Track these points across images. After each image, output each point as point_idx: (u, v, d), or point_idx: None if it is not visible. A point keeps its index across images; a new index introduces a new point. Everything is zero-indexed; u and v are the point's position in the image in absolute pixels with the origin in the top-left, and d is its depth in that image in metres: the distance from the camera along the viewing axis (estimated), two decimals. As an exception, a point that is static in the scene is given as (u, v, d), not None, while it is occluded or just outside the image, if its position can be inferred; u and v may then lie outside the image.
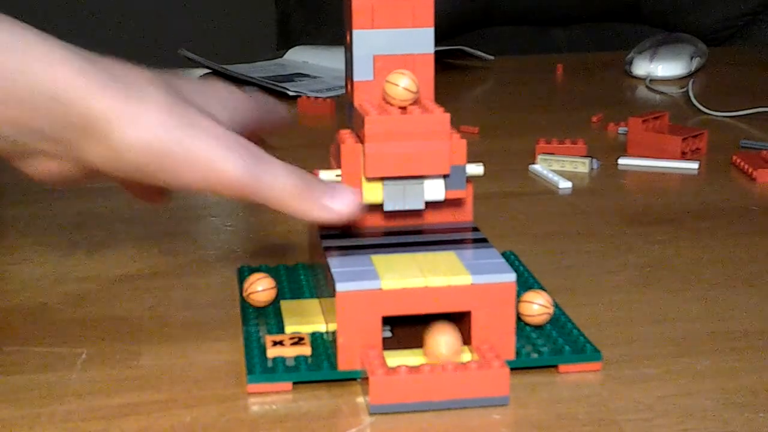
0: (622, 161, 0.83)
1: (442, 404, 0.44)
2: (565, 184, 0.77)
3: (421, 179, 0.49)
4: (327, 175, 0.50)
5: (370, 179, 0.49)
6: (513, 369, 0.45)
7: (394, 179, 0.49)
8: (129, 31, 2.84)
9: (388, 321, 0.47)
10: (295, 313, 0.51)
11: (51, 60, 0.43)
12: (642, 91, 1.16)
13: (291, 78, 1.19)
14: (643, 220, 0.70)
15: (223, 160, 0.44)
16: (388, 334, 0.48)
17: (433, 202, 0.50)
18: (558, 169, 0.81)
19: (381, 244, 0.49)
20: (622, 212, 0.72)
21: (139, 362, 0.49)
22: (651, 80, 1.18)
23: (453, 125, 0.49)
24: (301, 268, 0.57)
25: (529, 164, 0.82)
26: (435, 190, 0.49)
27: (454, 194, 0.50)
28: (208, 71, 1.25)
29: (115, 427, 0.43)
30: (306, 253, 0.60)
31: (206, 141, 0.44)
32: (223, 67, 1.21)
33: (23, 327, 0.53)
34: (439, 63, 1.22)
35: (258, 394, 0.45)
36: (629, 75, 1.22)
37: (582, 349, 0.48)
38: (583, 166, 0.81)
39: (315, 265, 0.53)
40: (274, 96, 1.12)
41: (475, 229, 0.52)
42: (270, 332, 0.50)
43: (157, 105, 0.44)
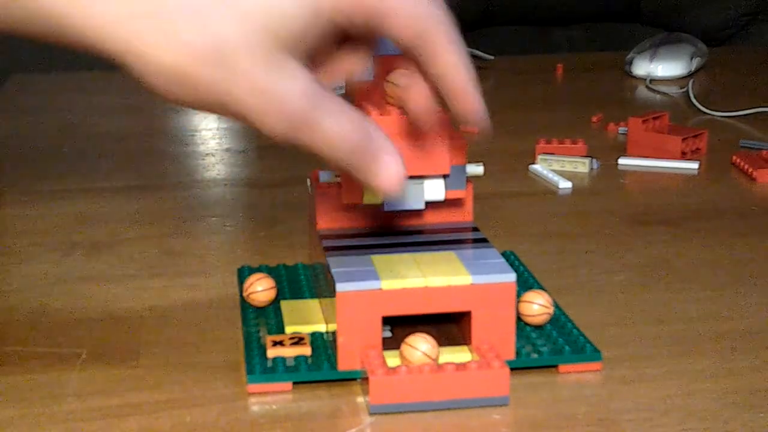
0: (622, 161, 0.83)
1: (442, 404, 0.44)
2: (565, 184, 0.77)
3: (421, 179, 0.49)
4: (327, 175, 0.50)
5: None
6: (513, 369, 0.45)
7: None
8: (129, 31, 2.84)
9: (388, 321, 0.47)
10: (295, 313, 0.51)
11: None
12: (642, 91, 1.16)
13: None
14: (643, 220, 0.70)
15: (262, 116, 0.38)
16: (388, 334, 0.48)
17: (433, 202, 0.50)
18: (558, 169, 0.81)
19: (381, 244, 0.49)
20: (622, 212, 0.72)
21: (139, 362, 0.49)
22: (651, 80, 1.18)
23: (453, 125, 0.49)
24: (301, 268, 0.57)
25: (529, 164, 0.82)
26: (435, 190, 0.49)
27: (454, 194, 0.50)
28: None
29: (115, 427, 0.43)
30: (306, 253, 0.60)
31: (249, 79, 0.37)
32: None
33: (23, 327, 0.53)
34: (439, 63, 1.22)
35: (258, 394, 0.45)
36: (629, 75, 1.22)
37: (582, 349, 0.48)
38: (583, 166, 0.81)
39: (315, 265, 0.53)
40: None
41: (475, 229, 0.52)
42: (270, 332, 0.50)
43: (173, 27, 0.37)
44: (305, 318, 0.51)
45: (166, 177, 0.81)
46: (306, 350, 0.47)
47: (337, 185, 0.51)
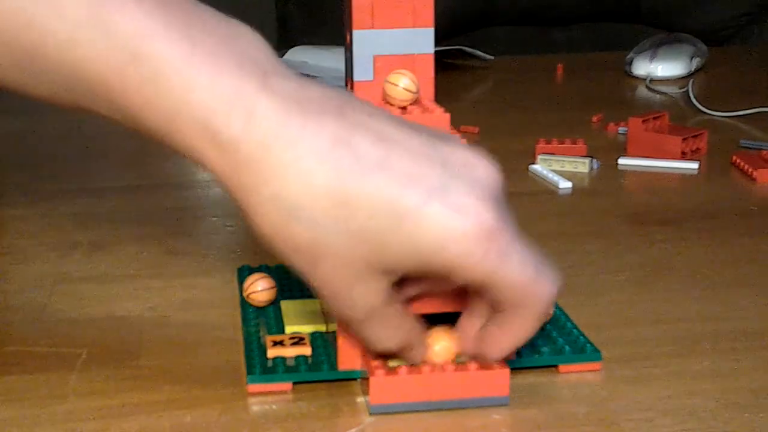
0: (622, 161, 0.83)
1: (442, 404, 0.44)
2: (565, 184, 0.77)
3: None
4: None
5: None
6: (513, 369, 0.45)
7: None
8: (129, 31, 2.83)
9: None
10: (296, 313, 0.51)
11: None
12: (642, 91, 1.16)
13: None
14: (643, 220, 0.70)
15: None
16: (388, 334, 0.48)
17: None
18: (558, 169, 0.81)
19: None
20: (622, 212, 0.71)
21: (139, 362, 0.49)
22: (651, 80, 1.18)
23: (453, 125, 0.49)
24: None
25: (529, 164, 0.82)
26: (435, 190, 0.49)
27: (454, 194, 0.50)
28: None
29: (115, 427, 0.43)
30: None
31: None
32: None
33: (23, 327, 0.53)
34: (439, 63, 1.22)
35: (258, 395, 0.45)
36: (629, 75, 1.22)
37: (582, 349, 0.48)
38: (583, 166, 0.81)
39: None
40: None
41: (475, 229, 0.52)
42: (270, 332, 0.50)
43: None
44: (305, 318, 0.51)
45: (166, 177, 0.81)
46: (306, 350, 0.47)
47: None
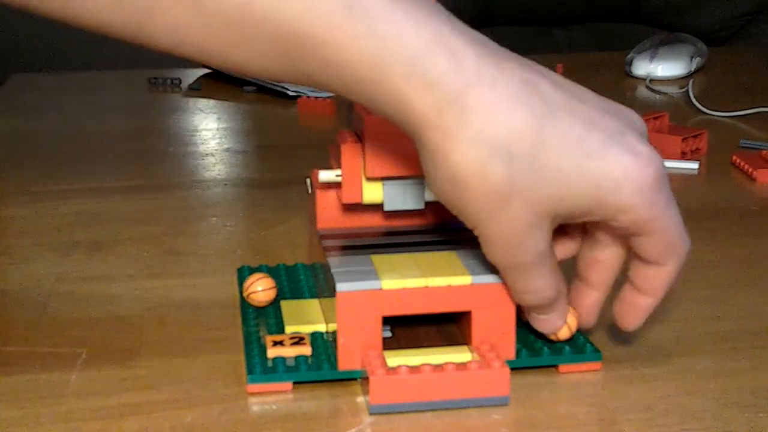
0: (622, 161, 0.83)
1: (443, 404, 0.44)
2: (565, 184, 0.77)
3: (421, 179, 0.49)
4: (327, 175, 0.50)
5: (370, 179, 0.49)
6: (513, 369, 0.45)
7: (394, 179, 0.49)
8: (129, 31, 2.83)
9: (388, 321, 0.47)
10: (295, 313, 0.51)
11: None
12: (642, 91, 1.16)
13: (291, 78, 1.19)
14: (643, 220, 0.70)
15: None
16: (388, 334, 0.48)
17: (434, 202, 0.50)
18: (558, 169, 0.81)
19: (381, 244, 0.49)
20: (622, 212, 0.71)
21: (139, 362, 0.49)
22: (651, 80, 1.18)
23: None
24: (301, 268, 0.57)
25: (529, 164, 0.82)
26: (435, 190, 0.49)
27: (454, 194, 0.50)
28: (208, 71, 1.25)
29: (115, 427, 0.43)
30: (306, 253, 0.60)
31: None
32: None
33: (23, 327, 0.53)
34: (439, 63, 1.22)
35: (258, 394, 0.45)
36: (629, 75, 1.22)
37: (582, 349, 0.48)
38: (583, 166, 0.81)
39: (315, 265, 0.53)
40: (273, 96, 1.12)
41: (475, 229, 0.52)
42: (270, 332, 0.50)
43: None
44: (305, 318, 0.51)
45: (166, 177, 0.81)
46: (306, 350, 0.47)
47: (337, 185, 0.51)
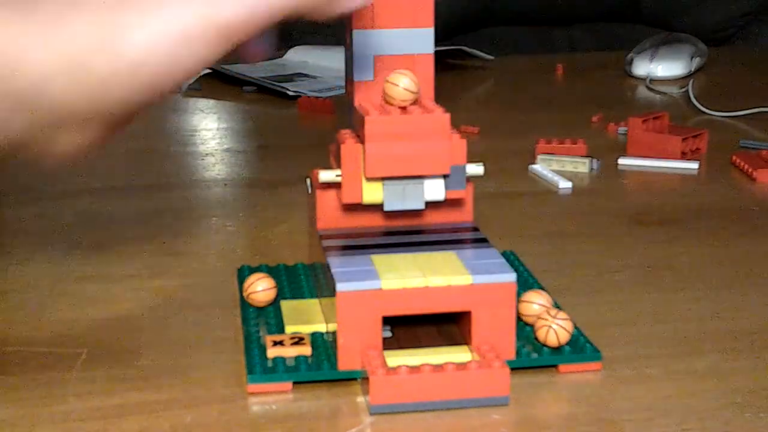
0: (622, 161, 0.83)
1: (443, 404, 0.44)
2: (565, 184, 0.77)
3: (421, 179, 0.49)
4: (327, 175, 0.50)
5: (370, 179, 0.49)
6: (513, 369, 0.45)
7: (394, 179, 0.49)
8: (129, 31, 2.84)
9: (388, 321, 0.47)
10: (295, 313, 0.51)
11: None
12: (642, 91, 1.16)
13: (291, 78, 1.19)
14: (643, 220, 0.70)
15: (215, 14, 0.39)
16: (388, 334, 0.48)
17: (434, 202, 0.50)
18: (558, 169, 0.81)
19: (381, 244, 0.49)
20: (622, 212, 0.71)
21: (139, 362, 0.49)
22: (651, 80, 1.18)
23: (453, 125, 0.49)
24: (301, 268, 0.57)
25: (529, 164, 0.82)
26: (435, 190, 0.49)
27: (454, 194, 0.50)
28: (208, 71, 1.25)
29: (115, 427, 0.43)
30: (306, 253, 0.60)
31: (182, 6, 0.39)
32: (223, 67, 1.21)
33: (23, 327, 0.53)
34: (439, 63, 1.22)
35: (258, 394, 0.45)
36: (629, 75, 1.22)
37: (582, 349, 0.48)
38: (583, 166, 0.81)
39: (315, 265, 0.53)
40: (273, 96, 1.12)
41: (475, 229, 0.52)
42: (270, 332, 0.50)
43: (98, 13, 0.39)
44: (305, 318, 0.51)
45: (166, 177, 0.81)
46: (306, 350, 0.47)
47: (337, 185, 0.51)
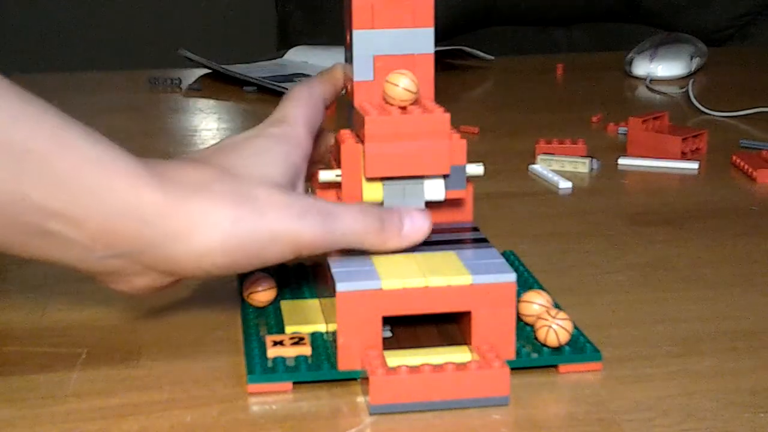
0: (622, 161, 0.83)
1: (442, 404, 0.44)
2: (565, 184, 0.77)
3: (421, 179, 0.49)
4: (327, 175, 0.50)
5: (370, 179, 0.49)
6: (513, 369, 0.45)
7: (394, 179, 0.49)
8: (129, 31, 2.84)
9: (388, 321, 0.47)
10: (296, 313, 0.51)
11: (131, 178, 0.43)
12: (642, 91, 1.16)
13: (291, 78, 1.19)
14: (643, 220, 0.70)
15: (297, 231, 0.45)
16: (388, 334, 0.48)
17: (433, 202, 0.50)
18: (558, 169, 0.81)
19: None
20: (622, 212, 0.72)
21: (139, 362, 0.49)
22: (651, 80, 1.18)
23: (453, 125, 0.49)
24: (302, 268, 0.57)
25: (529, 164, 0.82)
26: (435, 190, 0.49)
27: (454, 194, 0.50)
28: (208, 71, 1.25)
29: (115, 427, 0.43)
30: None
31: (276, 219, 0.45)
32: (223, 67, 1.21)
33: (23, 327, 0.53)
34: (439, 63, 1.22)
35: (258, 394, 0.45)
36: (629, 75, 1.22)
37: (582, 349, 0.48)
38: (583, 166, 0.81)
39: (315, 265, 0.53)
40: (273, 96, 1.12)
41: (475, 229, 0.52)
42: (270, 332, 0.50)
43: (222, 203, 0.45)
44: (305, 318, 0.51)
45: (166, 177, 0.81)
46: (306, 350, 0.47)
47: (337, 185, 0.51)
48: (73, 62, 2.71)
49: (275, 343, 0.47)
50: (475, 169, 0.51)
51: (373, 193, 0.49)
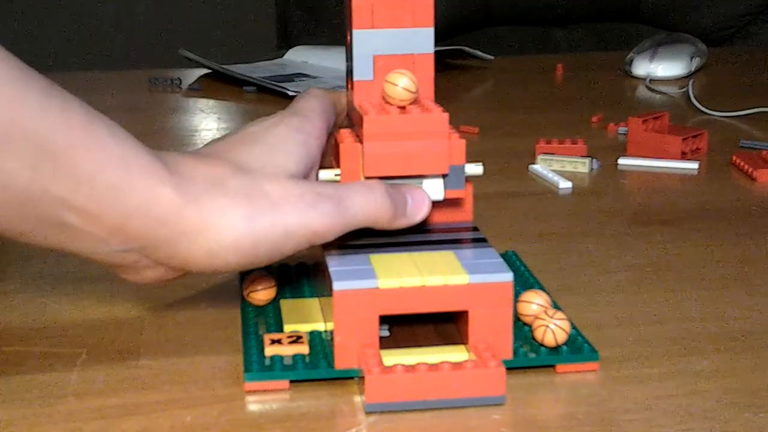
0: (622, 161, 0.83)
1: (438, 403, 0.44)
2: (565, 184, 0.77)
3: (419, 179, 0.49)
4: (326, 174, 0.50)
5: (368, 179, 0.49)
6: (513, 369, 0.45)
7: (393, 179, 0.49)
8: (129, 31, 2.84)
9: (386, 320, 0.47)
10: (295, 312, 0.51)
11: (151, 178, 0.44)
12: (642, 91, 1.16)
13: (291, 78, 1.19)
14: (643, 220, 0.70)
15: (310, 222, 0.45)
16: (386, 333, 0.48)
17: (433, 202, 0.50)
18: (558, 169, 0.81)
19: (380, 244, 0.49)
20: (622, 212, 0.72)
21: (139, 362, 0.49)
22: (651, 80, 1.18)
23: (453, 125, 0.49)
24: (302, 268, 0.57)
25: (529, 164, 0.82)
26: (434, 189, 0.49)
27: (454, 194, 0.50)
28: (208, 71, 1.25)
29: (115, 427, 0.43)
30: (306, 251, 0.60)
31: (289, 213, 0.45)
32: (223, 67, 1.21)
33: (23, 327, 0.53)
34: (439, 63, 1.22)
35: (257, 394, 0.45)
36: (629, 75, 1.22)
37: (579, 349, 0.48)
38: (583, 166, 0.81)
39: (315, 264, 0.53)
40: (273, 96, 1.12)
41: (474, 229, 0.52)
42: (269, 331, 0.50)
43: (236, 201, 0.45)
44: (304, 317, 0.51)
45: (166, 177, 0.81)
46: (304, 349, 0.47)
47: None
48: (73, 62, 2.71)
49: (273, 342, 0.47)
50: (475, 168, 0.51)
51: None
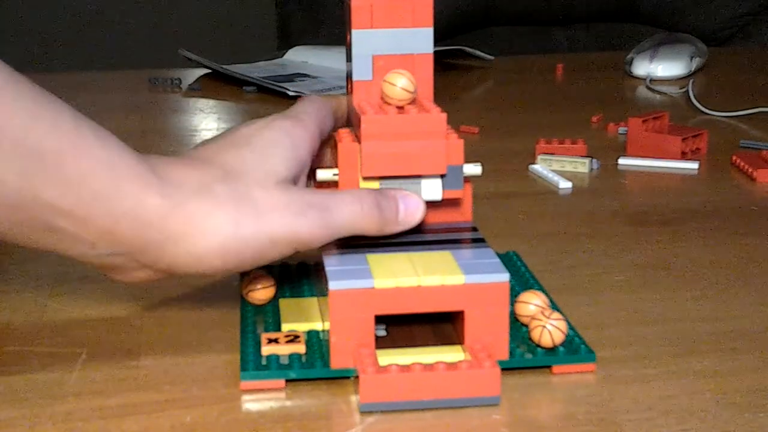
0: (622, 161, 0.83)
1: (433, 403, 0.44)
2: (565, 184, 0.77)
3: (418, 179, 0.49)
4: (324, 174, 0.50)
5: (366, 178, 0.49)
6: (511, 369, 0.45)
7: (390, 179, 0.49)
8: (129, 31, 2.84)
9: (383, 320, 0.46)
10: (293, 311, 0.51)
11: (138, 183, 0.44)
12: (642, 91, 1.16)
13: (291, 78, 1.19)
14: (643, 220, 0.70)
15: (295, 231, 0.46)
16: (382, 333, 0.48)
17: (431, 202, 0.50)
18: (558, 169, 0.81)
19: (378, 244, 0.49)
20: (622, 212, 0.71)
21: (139, 362, 0.49)
22: (651, 80, 1.18)
23: (453, 125, 0.49)
24: (301, 267, 0.57)
25: (529, 164, 0.82)
26: (432, 189, 0.49)
27: (452, 194, 0.50)
28: (208, 71, 1.25)
29: (115, 427, 0.43)
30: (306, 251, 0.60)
31: (274, 221, 0.46)
32: (223, 67, 1.21)
33: (23, 327, 0.53)
34: (439, 63, 1.22)
35: (256, 393, 0.45)
36: (629, 75, 1.22)
37: (576, 350, 0.48)
38: (583, 166, 0.81)
39: (316, 263, 0.53)
40: (273, 96, 1.12)
41: (473, 229, 0.52)
42: (267, 330, 0.50)
43: (222, 206, 0.45)
44: (303, 316, 0.51)
45: (165, 177, 0.81)
46: (300, 348, 0.47)
47: (334, 184, 0.51)
48: (73, 62, 2.71)
49: (270, 341, 0.47)
50: (473, 168, 0.51)
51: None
